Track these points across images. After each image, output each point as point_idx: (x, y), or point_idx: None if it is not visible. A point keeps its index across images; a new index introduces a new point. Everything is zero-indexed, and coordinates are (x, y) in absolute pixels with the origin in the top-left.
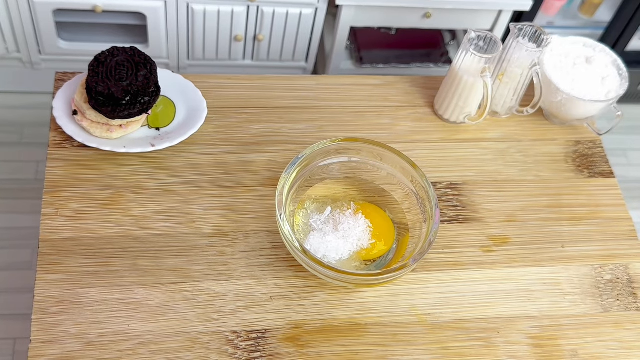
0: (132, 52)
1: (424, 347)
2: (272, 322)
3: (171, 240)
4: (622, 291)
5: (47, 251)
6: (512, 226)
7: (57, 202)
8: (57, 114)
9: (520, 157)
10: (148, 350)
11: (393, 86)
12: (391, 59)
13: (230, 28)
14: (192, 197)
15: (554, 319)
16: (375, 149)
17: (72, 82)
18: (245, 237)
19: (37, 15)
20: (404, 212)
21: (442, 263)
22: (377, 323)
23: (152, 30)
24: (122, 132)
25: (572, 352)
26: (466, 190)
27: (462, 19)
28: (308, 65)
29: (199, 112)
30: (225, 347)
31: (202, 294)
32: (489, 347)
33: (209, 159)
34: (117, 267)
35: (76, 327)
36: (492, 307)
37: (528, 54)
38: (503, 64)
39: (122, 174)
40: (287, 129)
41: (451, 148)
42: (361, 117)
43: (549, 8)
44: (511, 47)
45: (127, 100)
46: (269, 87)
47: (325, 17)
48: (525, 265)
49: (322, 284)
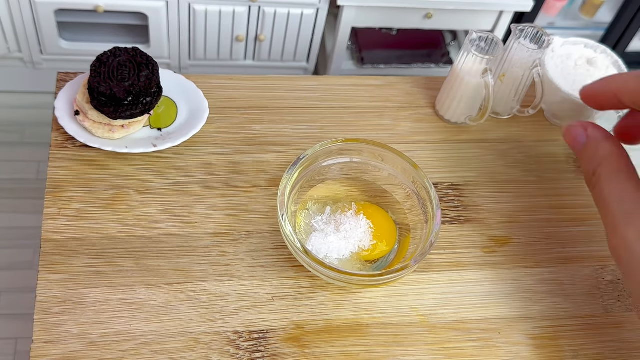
0: (134, 53)
1: (425, 347)
2: (273, 322)
3: (173, 240)
4: (623, 292)
5: (49, 251)
6: (513, 227)
7: (59, 203)
8: (59, 114)
9: (522, 157)
10: (150, 350)
11: (394, 87)
12: (392, 60)
13: (232, 28)
14: (194, 198)
15: (555, 320)
16: (376, 149)
17: (74, 82)
18: (247, 238)
19: (39, 15)
20: (405, 213)
21: (443, 264)
22: (378, 323)
23: (153, 30)
24: (124, 132)
25: (573, 353)
26: (467, 191)
27: (463, 19)
28: (309, 66)
29: (200, 113)
30: (227, 348)
31: (204, 294)
32: (490, 347)
33: (210, 159)
34: (119, 267)
35: (78, 327)
36: (493, 308)
37: (529, 54)
38: (504, 65)
39: (124, 175)
40: (288, 130)
41: (452, 149)
42: (362, 117)
43: (550, 9)
44: (512, 48)
45: (129, 101)
46: (270, 88)
47: (326, 17)
48: (527, 266)
49: (324, 285)
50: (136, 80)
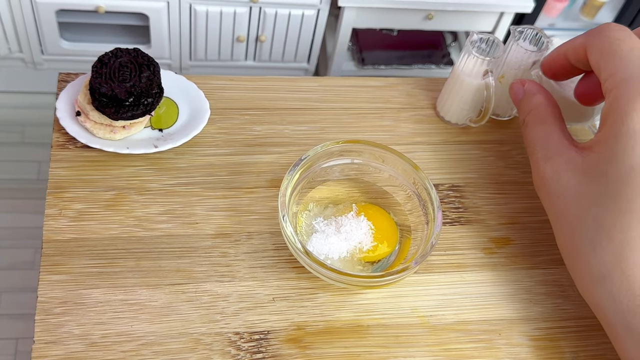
0: (136, 54)
1: (425, 348)
2: (274, 323)
3: (174, 241)
4: None
5: (50, 252)
6: (514, 228)
7: (60, 203)
8: (60, 114)
9: (522, 159)
10: (151, 351)
11: (395, 88)
12: (393, 60)
13: (233, 29)
14: (195, 199)
15: (556, 321)
16: (377, 150)
17: (75, 83)
18: (248, 239)
19: (40, 16)
20: (406, 214)
21: (444, 265)
22: (379, 325)
23: (154, 31)
24: (125, 133)
25: (573, 355)
26: (468, 192)
27: (463, 20)
28: (310, 66)
29: (201, 113)
30: (227, 349)
31: (204, 295)
32: (491, 348)
33: (211, 160)
34: (121, 268)
35: (79, 328)
36: (493, 309)
37: (528, 56)
38: (503, 66)
39: (125, 175)
40: (289, 131)
41: (453, 150)
42: (363, 118)
43: (551, 10)
44: (511, 49)
45: (131, 102)
46: (271, 89)
47: (327, 18)
48: (527, 267)
49: (325, 286)
50: (137, 81)
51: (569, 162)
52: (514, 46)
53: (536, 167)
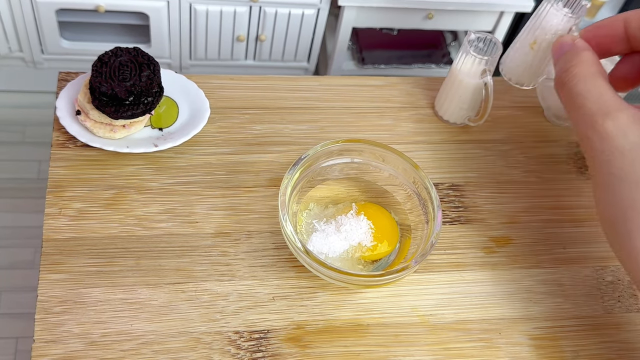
0: (136, 53)
1: (425, 347)
2: (274, 322)
3: (174, 240)
4: (623, 292)
5: (50, 251)
6: (514, 227)
7: (60, 202)
8: (61, 113)
9: (522, 158)
10: (151, 350)
11: (395, 87)
12: (393, 60)
13: (233, 28)
14: (194, 198)
15: (556, 320)
16: (377, 149)
17: (76, 82)
18: (248, 238)
19: (40, 15)
20: (406, 213)
21: (444, 264)
22: (379, 324)
23: (154, 30)
24: (125, 132)
25: (573, 354)
26: (468, 191)
27: (463, 20)
28: (310, 66)
29: (201, 113)
30: (227, 348)
31: (204, 294)
32: (491, 348)
33: (211, 159)
34: (120, 267)
35: (79, 327)
36: (493, 308)
37: (567, 20)
38: (536, 32)
39: (125, 174)
40: (289, 130)
41: (453, 149)
42: (363, 117)
43: None
44: (546, 13)
45: (131, 101)
46: (271, 88)
47: (327, 17)
48: (527, 267)
49: (325, 285)
50: (137, 80)
51: (635, 119)
52: (550, 10)
53: (590, 122)
